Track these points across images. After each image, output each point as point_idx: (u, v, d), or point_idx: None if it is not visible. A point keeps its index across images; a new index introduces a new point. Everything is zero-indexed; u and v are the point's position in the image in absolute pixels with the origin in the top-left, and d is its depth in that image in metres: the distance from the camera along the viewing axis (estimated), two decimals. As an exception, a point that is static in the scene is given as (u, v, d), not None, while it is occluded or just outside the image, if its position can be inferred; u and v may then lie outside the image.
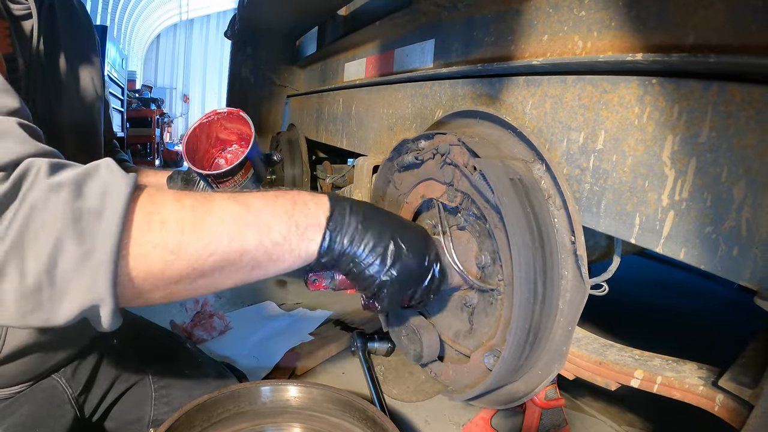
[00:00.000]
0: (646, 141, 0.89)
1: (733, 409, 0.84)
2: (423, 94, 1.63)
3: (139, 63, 16.18)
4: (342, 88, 2.47)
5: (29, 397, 1.17)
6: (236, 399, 1.29)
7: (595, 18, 0.99)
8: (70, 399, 1.23)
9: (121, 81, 7.64)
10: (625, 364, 1.02)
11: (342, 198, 0.86)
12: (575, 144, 1.04)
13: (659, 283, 3.59)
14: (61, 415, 1.19)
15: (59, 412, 1.20)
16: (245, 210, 0.73)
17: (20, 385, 1.15)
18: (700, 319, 2.97)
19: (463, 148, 1.17)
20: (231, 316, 2.38)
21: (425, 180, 1.37)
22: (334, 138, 2.60)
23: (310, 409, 1.33)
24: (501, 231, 1.09)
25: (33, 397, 1.17)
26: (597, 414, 1.82)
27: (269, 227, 0.74)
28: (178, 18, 17.61)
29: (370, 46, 2.17)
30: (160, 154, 9.62)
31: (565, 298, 1.07)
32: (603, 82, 0.97)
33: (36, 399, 1.17)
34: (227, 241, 0.69)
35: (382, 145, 1.95)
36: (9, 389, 1.13)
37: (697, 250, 0.83)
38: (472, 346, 1.25)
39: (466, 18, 1.40)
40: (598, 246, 1.43)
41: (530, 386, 1.16)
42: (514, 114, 1.21)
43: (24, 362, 1.10)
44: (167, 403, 1.33)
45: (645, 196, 0.90)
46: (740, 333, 2.75)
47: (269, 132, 3.85)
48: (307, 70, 3.44)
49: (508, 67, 1.20)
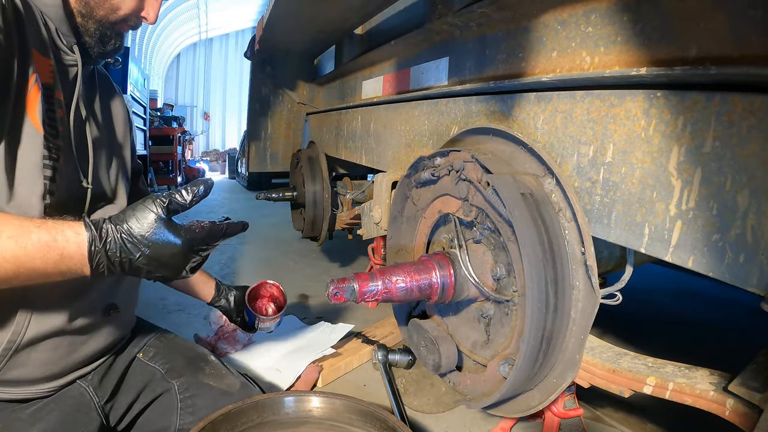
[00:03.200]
0: (652, 153, 0.92)
1: (743, 413, 0.86)
2: (439, 111, 1.67)
3: (160, 82, 16.44)
4: (360, 105, 2.52)
5: (58, 402, 1.21)
6: (260, 409, 1.32)
7: (601, 33, 1.02)
8: (96, 407, 1.28)
9: (143, 100, 7.79)
10: (638, 371, 1.04)
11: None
12: (585, 157, 1.07)
13: (682, 292, 3.56)
14: (88, 422, 1.23)
15: (86, 419, 1.24)
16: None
17: (45, 384, 1.19)
18: (724, 328, 2.94)
19: (476, 164, 1.20)
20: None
21: (441, 195, 1.40)
22: (353, 155, 2.65)
23: (332, 420, 1.35)
24: (514, 244, 1.12)
25: (62, 403, 1.21)
26: (617, 424, 1.82)
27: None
28: (197, 37, 17.88)
29: (387, 65, 2.22)
30: (182, 171, 9.74)
31: (576, 308, 1.09)
32: (610, 96, 1.00)
33: (65, 405, 1.22)
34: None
35: (401, 161, 1.98)
36: (34, 387, 1.18)
37: (705, 258, 0.85)
38: (489, 356, 1.27)
39: (479, 36, 1.44)
40: (613, 256, 1.45)
41: (546, 395, 1.18)
42: (526, 129, 1.24)
43: (48, 351, 1.14)
44: (192, 413, 1.36)
45: (653, 207, 0.92)
46: (764, 341, 2.72)
47: (290, 149, 3.91)
48: (326, 88, 3.50)
49: (519, 83, 1.23)
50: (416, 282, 1.28)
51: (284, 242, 4.75)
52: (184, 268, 1.03)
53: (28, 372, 1.13)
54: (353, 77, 2.75)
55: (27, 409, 1.17)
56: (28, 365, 1.11)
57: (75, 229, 0.93)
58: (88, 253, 0.92)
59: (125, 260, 0.95)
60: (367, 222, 2.11)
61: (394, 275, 1.27)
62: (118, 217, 0.97)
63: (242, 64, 18.38)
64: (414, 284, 1.28)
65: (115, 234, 0.94)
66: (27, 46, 1.01)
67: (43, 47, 1.06)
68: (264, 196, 3.26)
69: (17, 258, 0.87)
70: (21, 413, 1.16)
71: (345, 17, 2.57)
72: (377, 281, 1.25)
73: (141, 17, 1.21)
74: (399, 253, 1.69)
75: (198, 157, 17.36)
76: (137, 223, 0.96)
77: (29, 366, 1.12)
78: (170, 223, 0.99)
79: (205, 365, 1.50)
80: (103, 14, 1.14)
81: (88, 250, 0.92)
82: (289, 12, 2.49)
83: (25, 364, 1.10)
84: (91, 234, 0.93)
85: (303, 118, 3.85)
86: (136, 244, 0.95)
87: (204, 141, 19.64)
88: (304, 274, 3.72)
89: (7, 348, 1.05)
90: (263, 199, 3.26)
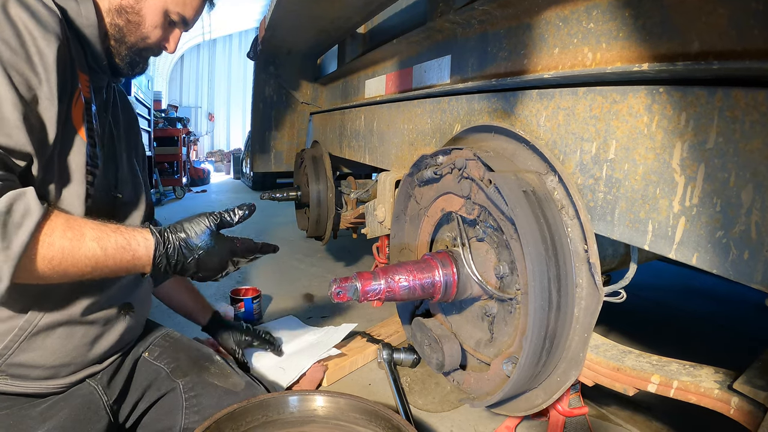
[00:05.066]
0: (655, 149, 0.91)
1: (748, 411, 0.85)
2: (441, 109, 1.66)
3: (164, 83, 16.45)
4: (363, 104, 2.52)
5: (68, 401, 1.24)
6: (264, 408, 1.33)
7: (603, 29, 1.01)
8: (105, 406, 1.30)
9: (148, 102, 7.79)
10: (643, 369, 1.03)
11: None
12: (588, 154, 1.06)
13: (687, 289, 3.55)
14: (96, 421, 1.26)
15: (95, 417, 1.26)
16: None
17: (56, 380, 1.23)
18: (729, 325, 2.93)
19: (478, 162, 1.20)
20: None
21: (444, 194, 1.40)
22: (356, 154, 2.65)
23: (337, 419, 1.36)
24: (516, 242, 1.11)
25: (71, 402, 1.24)
26: (623, 423, 1.81)
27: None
28: (201, 38, 17.86)
29: (389, 63, 2.22)
30: (186, 172, 9.75)
31: (580, 306, 1.08)
32: (612, 92, 1.00)
33: (74, 404, 1.24)
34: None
35: (404, 159, 1.98)
36: (46, 382, 1.21)
37: (708, 255, 0.84)
38: (493, 355, 1.27)
39: (480, 33, 1.44)
40: (617, 254, 1.45)
41: (549, 393, 1.17)
42: (528, 127, 1.23)
43: (62, 339, 1.19)
44: (197, 412, 1.37)
45: (657, 204, 0.92)
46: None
47: (294, 149, 3.91)
48: (329, 88, 3.50)
49: (520, 81, 1.23)
50: (419, 281, 1.28)
51: (289, 242, 4.76)
52: (221, 272, 1.22)
53: (43, 357, 1.18)
54: (356, 76, 2.75)
55: (37, 407, 1.20)
56: (42, 350, 1.17)
57: (143, 235, 1.11)
58: (154, 255, 1.10)
59: (180, 262, 1.14)
60: (371, 221, 2.11)
61: (397, 274, 1.27)
62: (175, 227, 1.16)
63: (246, 64, 18.38)
64: (417, 283, 1.28)
65: (175, 241, 1.13)
66: (74, 60, 1.11)
67: (81, 63, 1.15)
68: (268, 196, 3.26)
69: (97, 258, 1.03)
70: (31, 411, 1.19)
71: (347, 16, 2.56)
72: (380, 280, 1.25)
73: (163, 46, 1.33)
74: (402, 251, 1.69)
75: (203, 157, 17.37)
76: (193, 233, 1.16)
77: (44, 351, 1.17)
78: (218, 235, 1.20)
79: (210, 364, 1.50)
80: (133, 41, 1.25)
81: (154, 252, 1.10)
82: (291, 12, 2.48)
83: (40, 348, 1.17)
84: (156, 239, 1.11)
85: (306, 118, 3.85)
86: (191, 250, 1.15)
87: (209, 141, 19.62)
88: (308, 274, 3.73)
89: (23, 328, 1.13)
90: (267, 199, 3.26)
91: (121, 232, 1.07)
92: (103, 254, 1.03)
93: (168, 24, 1.28)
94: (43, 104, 1.00)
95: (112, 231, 1.06)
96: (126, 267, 1.09)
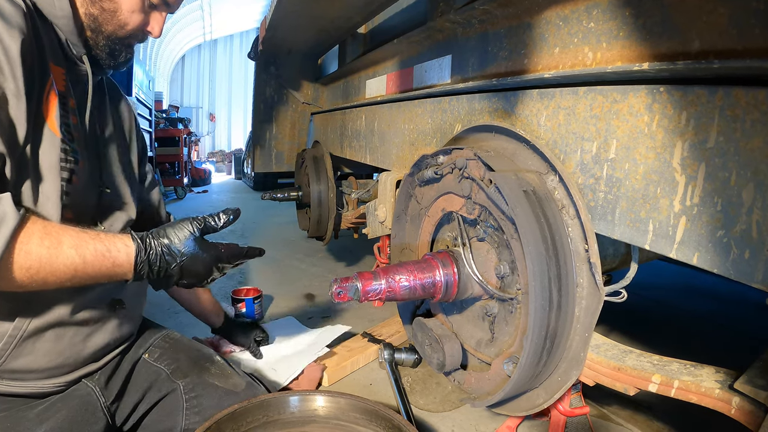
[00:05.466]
0: (656, 148, 0.91)
1: (749, 411, 0.85)
2: (442, 109, 1.66)
3: (165, 84, 16.44)
4: (364, 104, 2.52)
5: (65, 402, 1.23)
6: (265, 408, 1.33)
7: (603, 29, 1.01)
8: (102, 407, 1.30)
9: (149, 102, 7.80)
10: (644, 369, 1.03)
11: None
12: (588, 154, 1.06)
13: (688, 288, 3.54)
14: (94, 422, 1.26)
15: (92, 419, 1.26)
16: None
17: (53, 379, 1.22)
18: (730, 325, 2.92)
19: (479, 162, 1.20)
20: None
21: (445, 194, 1.40)
22: (357, 154, 2.65)
23: (337, 419, 1.36)
24: (517, 241, 1.11)
25: (68, 403, 1.24)
26: (624, 422, 1.81)
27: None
28: (202, 39, 17.87)
29: (390, 63, 2.22)
30: (188, 173, 9.75)
31: (580, 305, 1.08)
32: (613, 92, 0.99)
33: (71, 405, 1.24)
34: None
35: (405, 159, 1.98)
36: (42, 382, 1.20)
37: (709, 254, 0.84)
38: (494, 354, 1.27)
39: (481, 33, 1.43)
40: (618, 253, 1.44)
41: (550, 393, 1.17)
42: (529, 126, 1.23)
43: (52, 341, 1.17)
44: (198, 413, 1.37)
45: (657, 203, 0.92)
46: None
47: (295, 149, 3.91)
48: (330, 88, 3.50)
49: (521, 81, 1.23)
50: (420, 280, 1.28)
51: (290, 242, 4.76)
52: (207, 279, 1.20)
53: (35, 361, 1.17)
54: (357, 76, 2.75)
55: (34, 408, 1.20)
56: (34, 354, 1.16)
57: (124, 241, 1.08)
58: (135, 262, 1.08)
59: (162, 268, 1.12)
60: (372, 221, 2.11)
61: (398, 274, 1.27)
62: (158, 232, 1.14)
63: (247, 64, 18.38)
64: (417, 283, 1.27)
65: (157, 247, 1.11)
66: (44, 53, 1.08)
67: (56, 56, 1.13)
68: (269, 197, 3.26)
69: (76, 266, 1.01)
70: (28, 412, 1.18)
71: (348, 16, 2.56)
72: (381, 280, 1.25)
73: (146, 32, 1.28)
74: (403, 251, 1.69)
75: (204, 158, 17.37)
76: (176, 239, 1.14)
77: (35, 355, 1.16)
78: (202, 241, 1.17)
79: (211, 365, 1.50)
80: (111, 30, 1.21)
81: (135, 259, 1.08)
82: (291, 12, 2.48)
83: (31, 352, 1.15)
84: (137, 246, 1.09)
85: (307, 118, 3.85)
86: (173, 256, 1.12)
87: (210, 142, 19.65)
88: (309, 274, 3.73)
89: (12, 335, 1.11)
90: (269, 199, 3.26)
91: (101, 239, 1.05)
92: (82, 262, 1.01)
93: (148, 7, 1.23)
94: (11, 101, 0.97)
95: (91, 238, 1.04)
96: (106, 274, 1.06)
